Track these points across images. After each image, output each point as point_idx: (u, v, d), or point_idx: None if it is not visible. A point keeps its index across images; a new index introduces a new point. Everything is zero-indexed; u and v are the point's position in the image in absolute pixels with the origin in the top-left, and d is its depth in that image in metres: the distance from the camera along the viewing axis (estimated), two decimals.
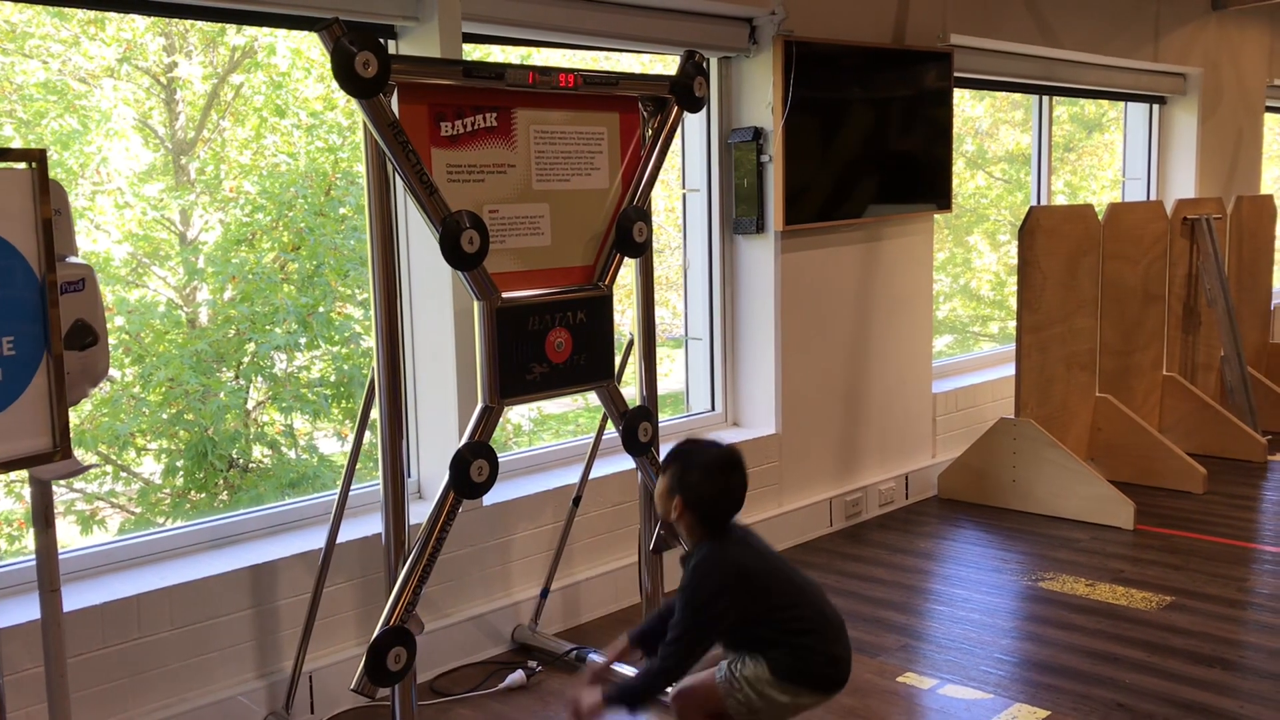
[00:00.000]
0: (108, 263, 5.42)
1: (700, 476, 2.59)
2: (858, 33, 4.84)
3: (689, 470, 2.60)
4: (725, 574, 2.53)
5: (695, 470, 2.60)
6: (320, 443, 6.12)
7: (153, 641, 3.00)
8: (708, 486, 2.58)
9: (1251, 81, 7.79)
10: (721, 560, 2.55)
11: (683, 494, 2.58)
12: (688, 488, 2.58)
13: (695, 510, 2.59)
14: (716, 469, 2.61)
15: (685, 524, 2.61)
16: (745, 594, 2.52)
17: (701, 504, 2.58)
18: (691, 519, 2.59)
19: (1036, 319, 5.25)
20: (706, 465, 2.60)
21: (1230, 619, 3.89)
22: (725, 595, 2.51)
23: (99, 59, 5.56)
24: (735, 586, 2.52)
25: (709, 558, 2.56)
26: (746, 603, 2.53)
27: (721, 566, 2.54)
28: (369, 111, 2.60)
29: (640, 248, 3.19)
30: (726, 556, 2.56)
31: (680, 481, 2.59)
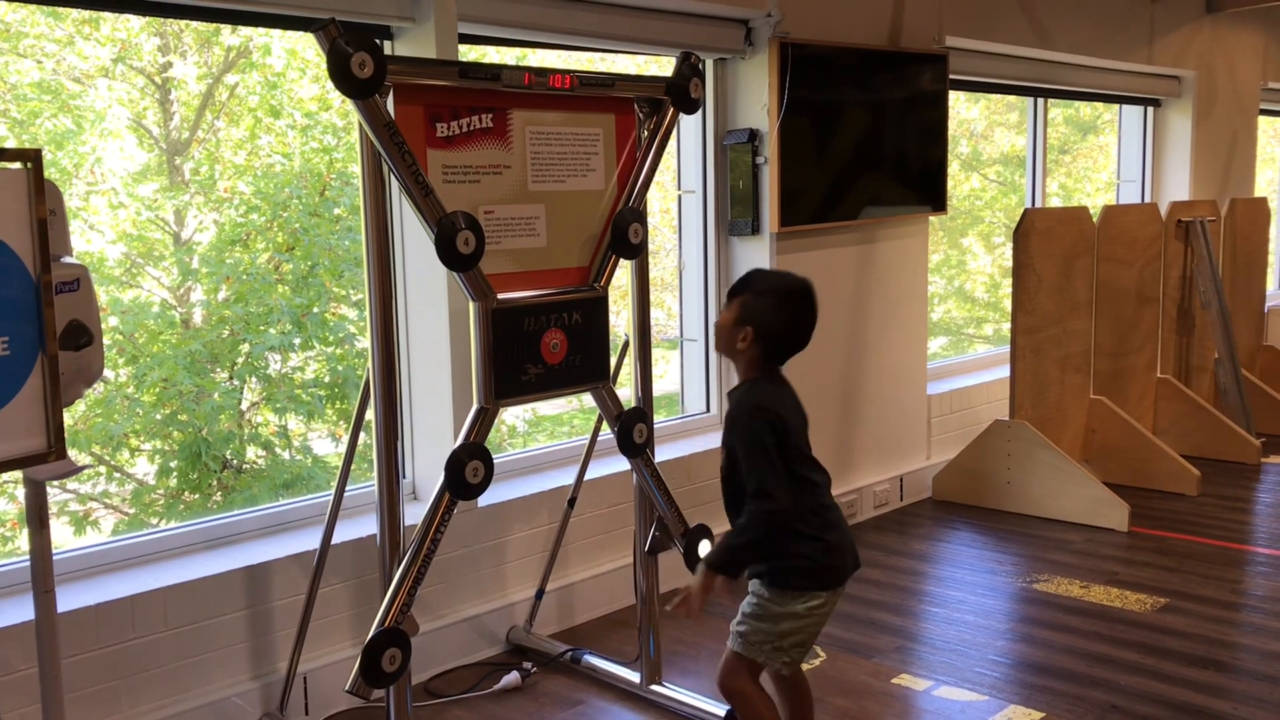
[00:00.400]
0: (102, 263, 5.40)
1: (775, 304, 2.49)
2: (853, 35, 4.85)
3: (763, 297, 2.49)
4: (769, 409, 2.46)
5: (770, 297, 2.50)
6: (314, 443, 6.12)
7: (147, 642, 3.00)
8: (781, 315, 2.49)
9: (1246, 84, 7.81)
10: (764, 396, 2.48)
11: (755, 323, 2.48)
12: (761, 316, 2.47)
13: (765, 341, 2.49)
14: (792, 297, 2.51)
15: (748, 357, 2.51)
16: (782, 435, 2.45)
17: (772, 335, 2.49)
18: (758, 352, 2.50)
19: (1031, 321, 5.26)
20: (782, 293, 2.51)
21: (1224, 621, 3.90)
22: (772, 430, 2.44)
23: (93, 59, 5.56)
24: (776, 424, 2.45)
25: (750, 394, 2.50)
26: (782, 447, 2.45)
27: (764, 402, 2.47)
28: (365, 112, 2.60)
29: (636, 249, 3.19)
30: (768, 394, 2.49)
31: (752, 309, 2.48)
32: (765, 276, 2.58)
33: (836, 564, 2.54)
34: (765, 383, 2.54)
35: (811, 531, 2.50)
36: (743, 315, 2.51)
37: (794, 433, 2.50)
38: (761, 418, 2.46)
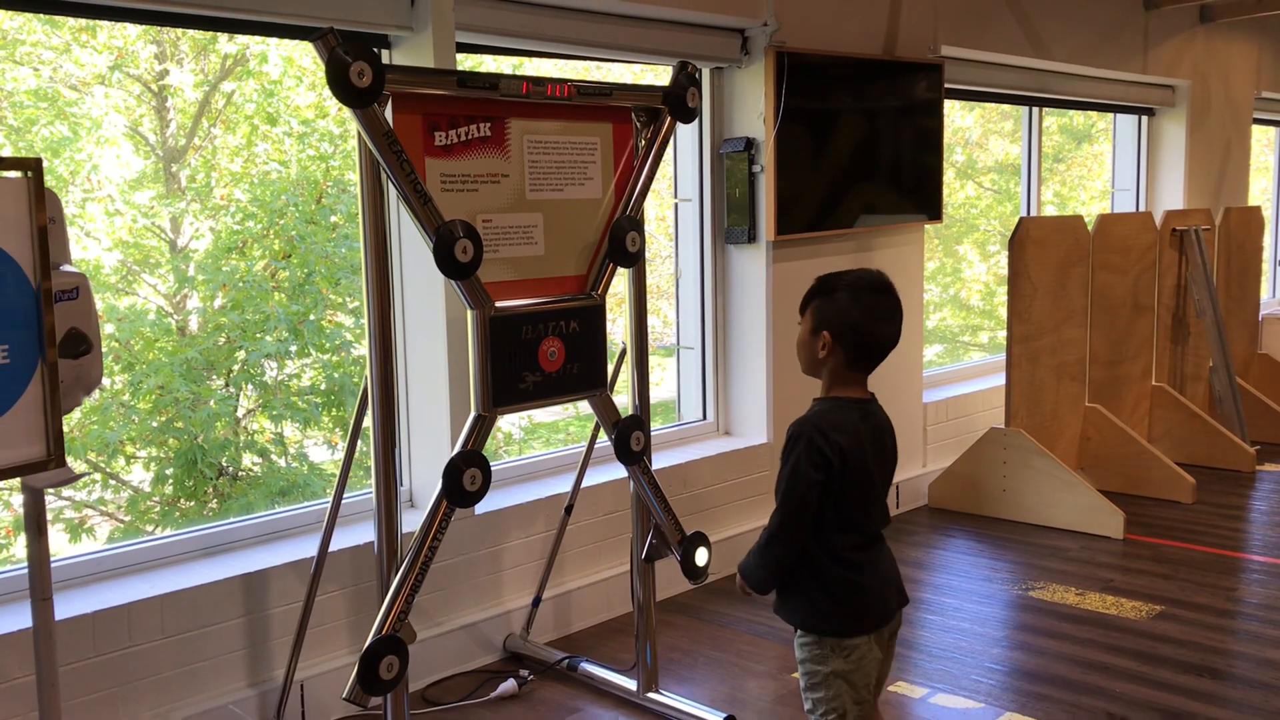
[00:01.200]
0: (98, 270, 5.41)
1: (848, 300, 2.28)
2: (849, 44, 4.86)
3: (833, 296, 2.29)
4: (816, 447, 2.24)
5: (841, 294, 2.29)
6: (310, 451, 6.12)
7: (144, 650, 2.99)
8: (857, 311, 2.28)
9: (1239, 93, 7.84)
10: (824, 428, 2.26)
11: (830, 326, 2.28)
12: (834, 316, 2.27)
13: (846, 342, 2.28)
14: (864, 289, 2.30)
15: (832, 368, 2.31)
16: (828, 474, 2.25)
17: (853, 332, 2.28)
18: (841, 358, 2.30)
19: (1026, 329, 5.27)
20: (853, 287, 2.30)
21: (1219, 628, 3.91)
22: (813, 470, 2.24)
23: (90, 66, 5.56)
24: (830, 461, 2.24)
25: (811, 425, 2.27)
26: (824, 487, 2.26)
27: (821, 434, 2.25)
28: (363, 121, 2.60)
29: (633, 257, 3.20)
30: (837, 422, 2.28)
31: (825, 312, 2.29)
32: (833, 275, 2.36)
33: (872, 605, 2.35)
34: (840, 406, 2.33)
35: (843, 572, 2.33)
36: (817, 321, 2.31)
37: (852, 472, 2.29)
38: (812, 452, 2.26)
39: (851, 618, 2.33)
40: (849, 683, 2.33)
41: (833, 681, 2.33)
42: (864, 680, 2.35)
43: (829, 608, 2.33)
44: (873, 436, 2.36)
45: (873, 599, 2.36)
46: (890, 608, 2.39)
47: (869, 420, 2.37)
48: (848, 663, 2.32)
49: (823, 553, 2.33)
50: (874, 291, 2.33)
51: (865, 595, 2.34)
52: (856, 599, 2.34)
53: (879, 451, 2.38)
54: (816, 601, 2.34)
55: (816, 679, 2.34)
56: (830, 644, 2.33)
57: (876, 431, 2.38)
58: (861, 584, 2.34)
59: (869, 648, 2.35)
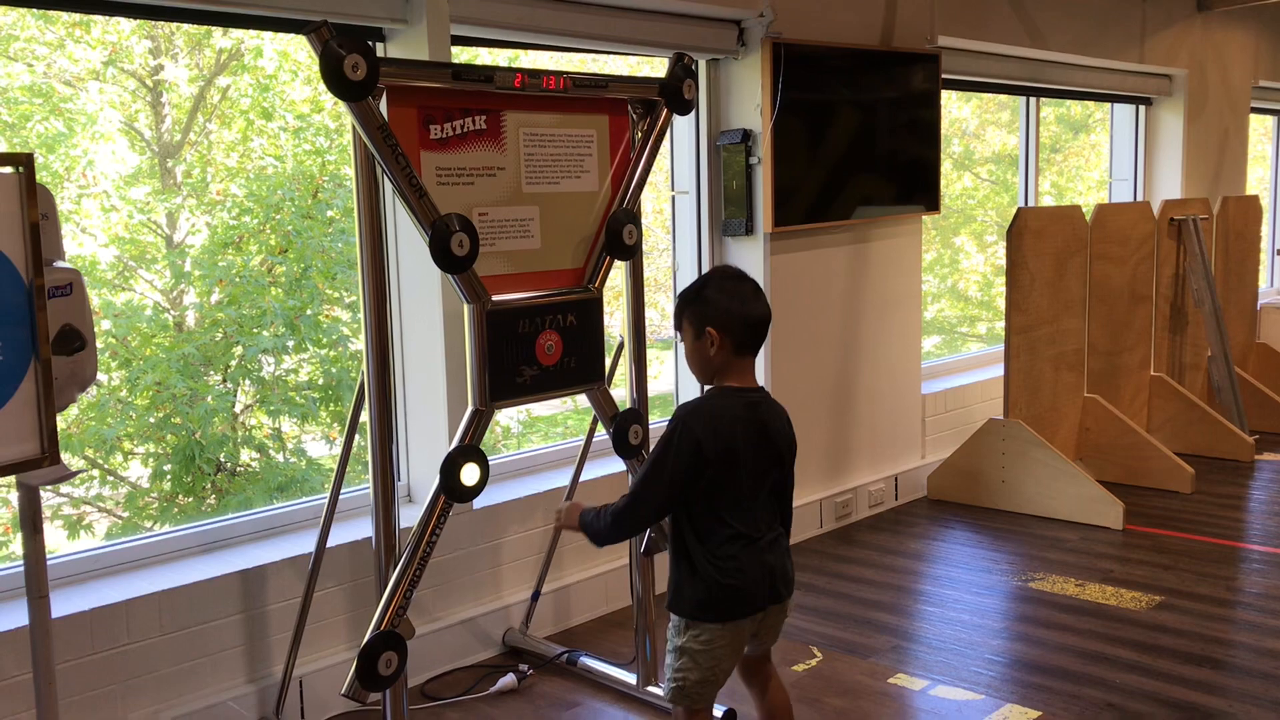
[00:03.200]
0: (94, 266, 5.39)
1: (718, 293, 2.44)
2: (846, 35, 4.85)
3: (699, 297, 2.45)
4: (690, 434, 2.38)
5: (705, 290, 2.45)
6: (308, 446, 6.11)
7: (142, 647, 2.99)
8: (723, 297, 2.43)
9: (1237, 82, 7.83)
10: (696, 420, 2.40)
11: (712, 321, 2.41)
12: (714, 311, 2.42)
13: (731, 330, 2.41)
14: (729, 283, 2.46)
15: (718, 358, 2.44)
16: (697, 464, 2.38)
17: (733, 318, 2.41)
18: (730, 346, 2.42)
19: (1025, 320, 5.26)
20: (712, 278, 2.48)
21: (1219, 618, 3.91)
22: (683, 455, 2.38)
23: (85, 62, 5.54)
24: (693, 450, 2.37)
25: (689, 413, 2.42)
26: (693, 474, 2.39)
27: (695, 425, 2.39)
28: (358, 115, 2.59)
29: (630, 250, 3.19)
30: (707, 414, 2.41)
31: (701, 313, 2.43)
32: (692, 284, 2.53)
33: (732, 599, 2.45)
34: (722, 399, 2.46)
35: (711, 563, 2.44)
36: (697, 324, 2.45)
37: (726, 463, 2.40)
38: (685, 440, 2.39)
39: (708, 606, 2.45)
40: (694, 661, 2.47)
41: (681, 655, 2.49)
42: (712, 662, 2.48)
43: (688, 591, 2.47)
44: (757, 428, 2.46)
45: (734, 593, 2.45)
46: (756, 603, 2.48)
47: (754, 411, 2.47)
48: (697, 643, 2.47)
49: (693, 539, 2.46)
50: (736, 279, 2.49)
51: (725, 590, 2.44)
52: (717, 590, 2.44)
53: (762, 443, 2.47)
54: (680, 582, 2.49)
55: (670, 648, 2.52)
56: (686, 622, 2.48)
57: (760, 424, 2.47)
58: (723, 580, 2.44)
59: (723, 635, 2.47)
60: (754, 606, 2.48)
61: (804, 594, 4.24)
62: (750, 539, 2.46)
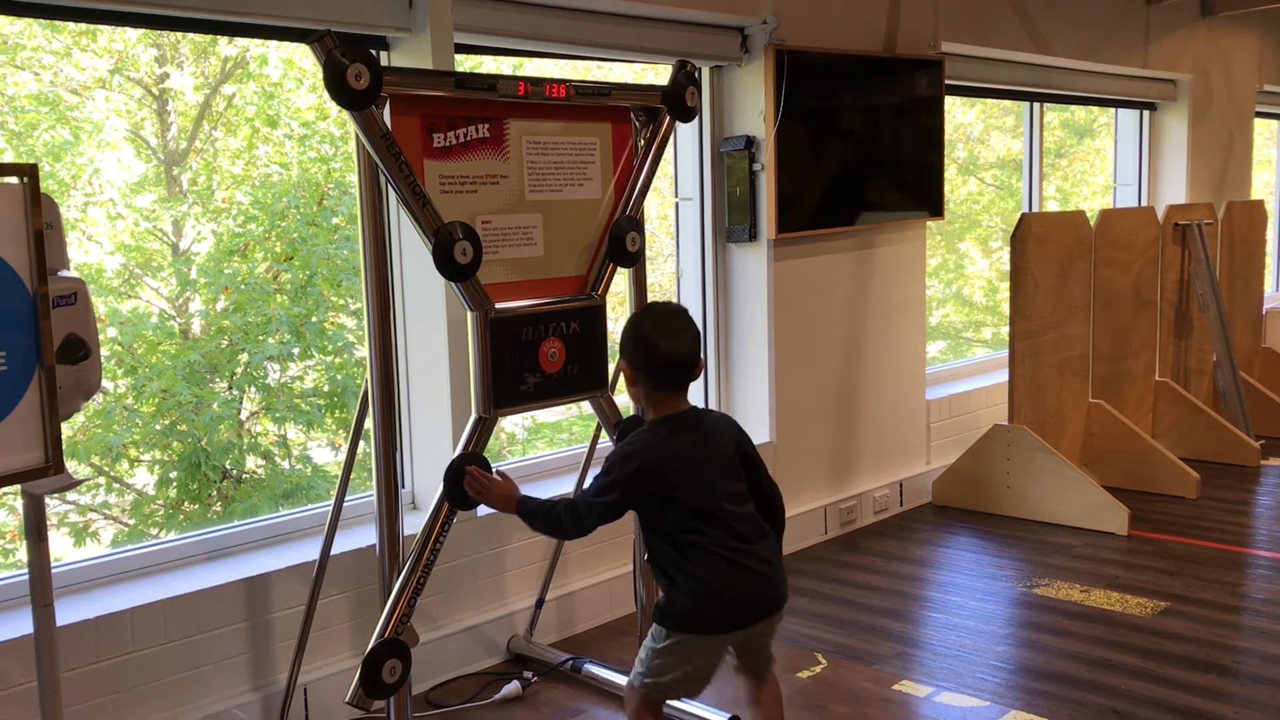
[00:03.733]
0: (100, 274, 5.40)
1: (632, 333, 2.53)
2: (849, 41, 4.85)
3: (625, 338, 2.55)
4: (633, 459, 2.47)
5: (628, 332, 2.55)
6: (314, 453, 6.11)
7: (146, 655, 2.99)
8: (640, 342, 2.51)
9: (1241, 87, 7.82)
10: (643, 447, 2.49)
11: (627, 357, 2.53)
12: (629, 348, 2.53)
13: (643, 371, 2.50)
14: (652, 318, 2.55)
15: (643, 396, 2.55)
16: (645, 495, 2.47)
17: (644, 362, 2.50)
18: (646, 384, 2.51)
19: (1029, 325, 5.26)
20: (642, 318, 2.56)
21: (1225, 624, 3.90)
22: (620, 487, 2.47)
23: (91, 70, 5.56)
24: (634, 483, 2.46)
25: (634, 440, 2.52)
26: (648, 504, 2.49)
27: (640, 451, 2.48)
28: (361, 123, 2.60)
29: (633, 257, 3.19)
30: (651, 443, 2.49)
31: (623, 345, 2.55)
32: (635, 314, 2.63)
33: (709, 612, 2.48)
34: (666, 426, 2.52)
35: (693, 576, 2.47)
36: (625, 363, 2.56)
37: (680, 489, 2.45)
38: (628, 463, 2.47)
39: (686, 620, 2.49)
40: (673, 662, 2.52)
41: (658, 655, 2.53)
42: (690, 668, 2.51)
43: (667, 604, 2.51)
44: (697, 447, 2.50)
45: (711, 607, 2.48)
46: (735, 618, 2.50)
47: (693, 431, 2.53)
48: (675, 653, 2.51)
49: (666, 556, 2.50)
50: (659, 316, 2.54)
51: (703, 603, 2.47)
52: (694, 603, 2.47)
53: (708, 458, 2.51)
54: (667, 596, 2.53)
55: (647, 649, 2.56)
56: (665, 632, 2.52)
57: (701, 440, 2.52)
58: (700, 593, 2.46)
59: (701, 647, 2.51)
60: (732, 622, 2.51)
61: (808, 600, 4.24)
62: (727, 552, 2.47)
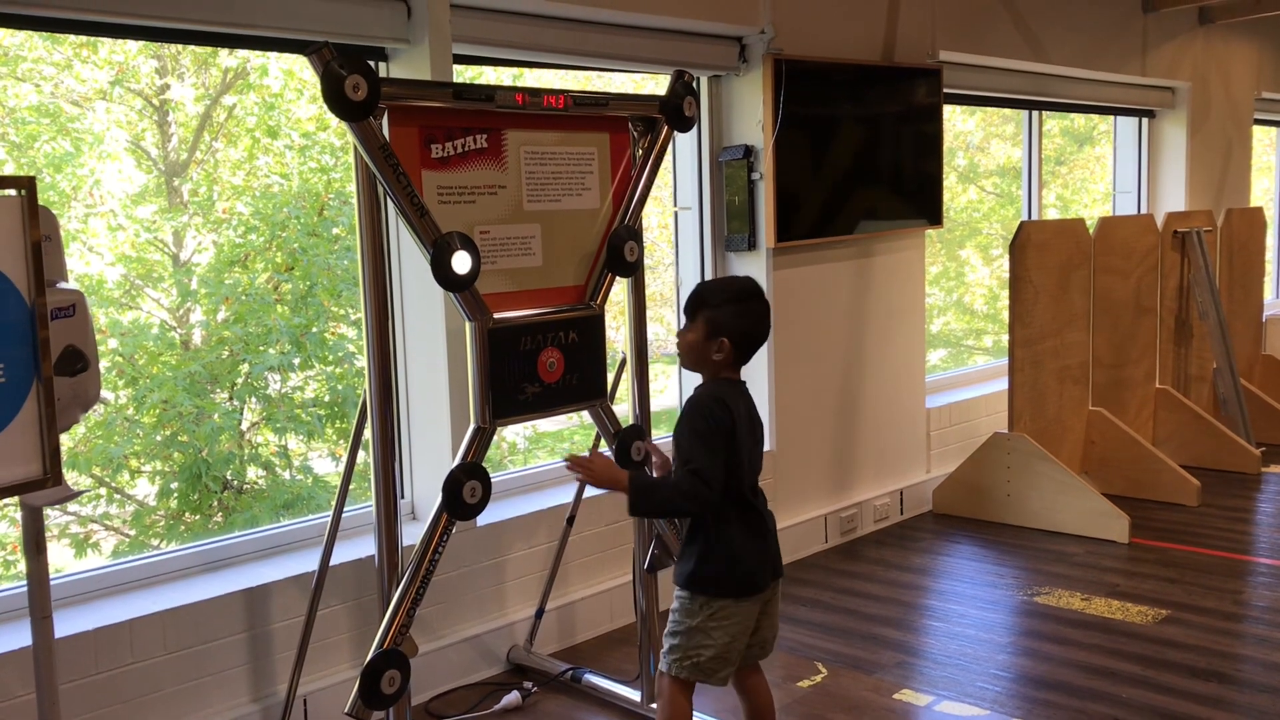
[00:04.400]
0: (101, 285, 5.41)
1: (737, 310, 2.63)
2: (847, 50, 4.86)
3: (723, 307, 2.62)
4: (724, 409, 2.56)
5: (730, 305, 2.63)
6: (315, 463, 6.12)
7: (146, 666, 2.99)
8: (746, 319, 2.64)
9: (1239, 94, 7.83)
10: (723, 397, 2.59)
11: (727, 333, 2.61)
12: (729, 324, 2.61)
13: (740, 347, 2.63)
14: (747, 299, 2.65)
15: (721, 362, 2.63)
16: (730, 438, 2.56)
17: (744, 339, 2.63)
18: (732, 356, 2.63)
19: (1029, 333, 5.26)
20: (739, 298, 2.64)
21: (1226, 632, 3.89)
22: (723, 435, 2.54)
23: (91, 82, 5.58)
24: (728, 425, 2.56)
25: (711, 394, 2.60)
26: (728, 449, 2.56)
27: (724, 402, 2.57)
28: (359, 134, 2.61)
29: (631, 267, 3.20)
30: (731, 397, 2.60)
31: (719, 320, 2.61)
32: (718, 287, 2.70)
33: (745, 574, 2.62)
34: (729, 386, 2.65)
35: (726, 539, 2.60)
36: (712, 329, 2.63)
37: (741, 442, 2.60)
38: (721, 412, 2.56)
39: (725, 582, 2.60)
40: (711, 638, 2.61)
41: (695, 634, 2.62)
42: (727, 639, 2.61)
43: (705, 569, 2.60)
44: (751, 414, 2.68)
45: (745, 569, 2.61)
46: (763, 580, 2.65)
47: (746, 397, 2.69)
48: (713, 621, 2.60)
49: (715, 519, 2.60)
50: (756, 299, 2.67)
51: (740, 564, 2.61)
52: (732, 566, 2.60)
53: (753, 424, 2.68)
54: (696, 559, 2.62)
55: (679, 628, 2.65)
56: (700, 601, 2.61)
57: (750, 407, 2.69)
58: (737, 554, 2.61)
59: (736, 611, 2.61)
60: (760, 583, 2.64)
61: (809, 609, 4.23)
62: (759, 515, 2.66)
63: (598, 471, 2.63)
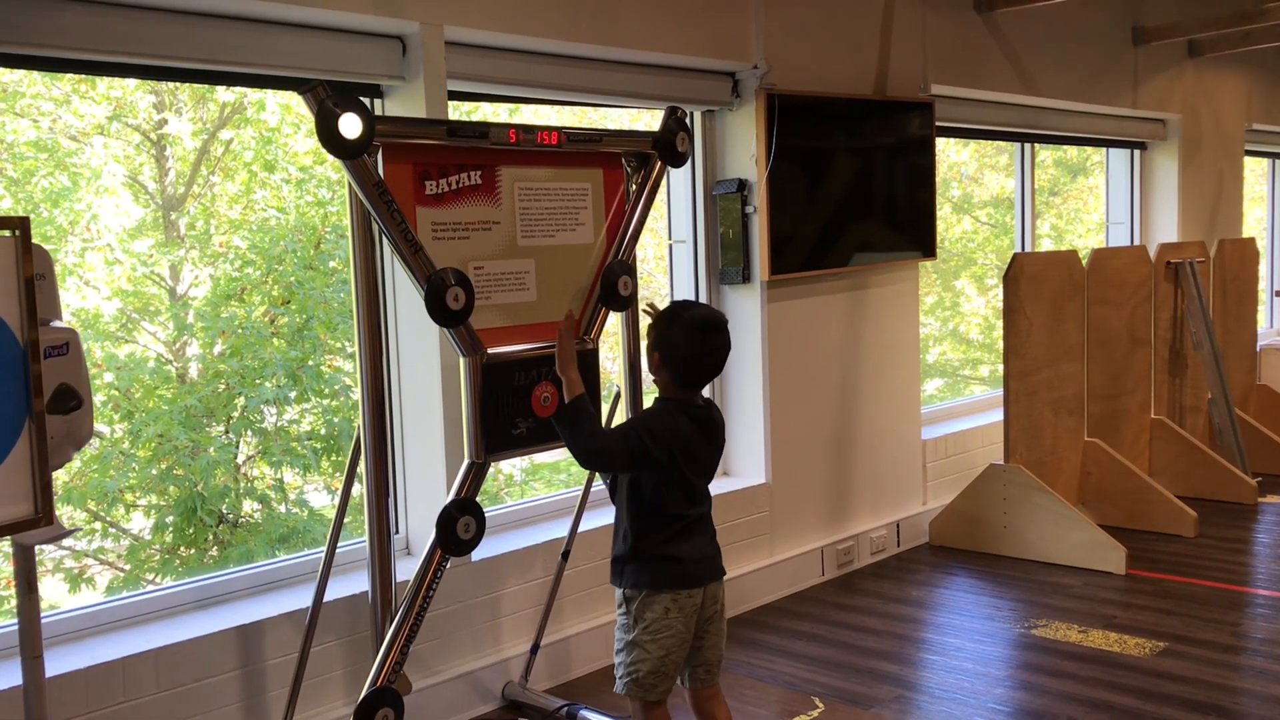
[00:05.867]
0: (97, 319, 5.42)
1: (681, 334, 2.73)
2: (840, 84, 4.90)
3: (673, 327, 2.74)
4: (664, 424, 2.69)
5: (678, 328, 2.73)
6: (310, 496, 6.10)
7: (138, 705, 2.97)
8: (687, 345, 2.72)
9: (1230, 126, 7.88)
10: (666, 414, 2.73)
11: (661, 350, 2.74)
12: (668, 344, 2.73)
13: (671, 367, 2.73)
14: (698, 329, 2.74)
15: (662, 380, 2.77)
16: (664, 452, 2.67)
17: (678, 362, 2.73)
18: (668, 376, 2.75)
19: (1023, 364, 5.27)
20: (689, 324, 2.74)
21: (1224, 665, 3.88)
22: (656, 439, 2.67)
23: (89, 117, 5.61)
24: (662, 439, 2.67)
25: (660, 407, 2.76)
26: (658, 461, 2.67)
27: (664, 418, 2.71)
28: (354, 172, 2.63)
29: (625, 301, 3.21)
30: (672, 413, 2.73)
31: (662, 338, 2.75)
32: (681, 308, 2.83)
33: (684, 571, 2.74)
34: (674, 406, 2.76)
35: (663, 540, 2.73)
36: (654, 340, 2.77)
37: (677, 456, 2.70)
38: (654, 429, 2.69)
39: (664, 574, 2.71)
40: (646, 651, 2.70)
41: (633, 649, 2.72)
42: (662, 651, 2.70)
43: (636, 566, 2.73)
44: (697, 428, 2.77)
45: (682, 565, 2.73)
46: (697, 575, 2.75)
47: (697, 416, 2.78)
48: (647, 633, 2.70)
49: (640, 517, 2.73)
50: (706, 330, 2.75)
51: (677, 562, 2.72)
52: (669, 563, 2.72)
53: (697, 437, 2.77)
54: (627, 557, 2.75)
55: (620, 646, 2.76)
56: (636, 611, 2.71)
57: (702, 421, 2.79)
58: (676, 553, 2.72)
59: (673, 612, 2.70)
60: (698, 579, 2.75)
61: (806, 643, 4.22)
62: (691, 520, 2.76)
63: (564, 353, 2.81)
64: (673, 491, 2.73)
